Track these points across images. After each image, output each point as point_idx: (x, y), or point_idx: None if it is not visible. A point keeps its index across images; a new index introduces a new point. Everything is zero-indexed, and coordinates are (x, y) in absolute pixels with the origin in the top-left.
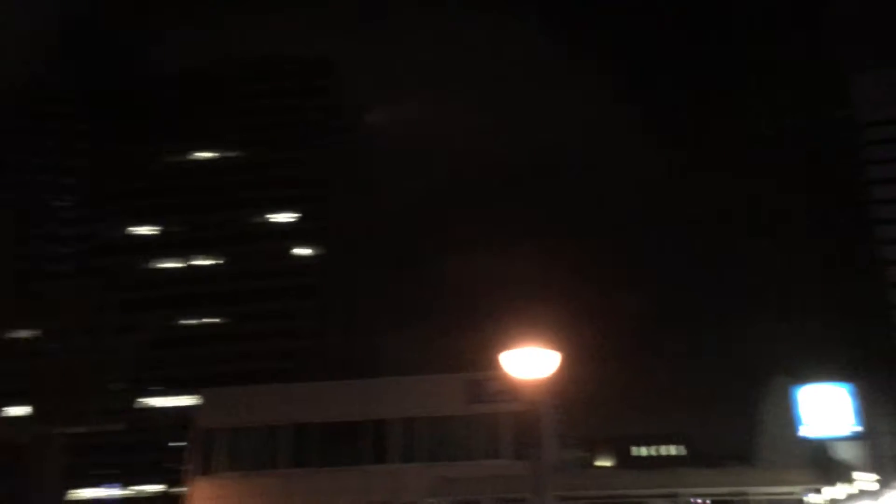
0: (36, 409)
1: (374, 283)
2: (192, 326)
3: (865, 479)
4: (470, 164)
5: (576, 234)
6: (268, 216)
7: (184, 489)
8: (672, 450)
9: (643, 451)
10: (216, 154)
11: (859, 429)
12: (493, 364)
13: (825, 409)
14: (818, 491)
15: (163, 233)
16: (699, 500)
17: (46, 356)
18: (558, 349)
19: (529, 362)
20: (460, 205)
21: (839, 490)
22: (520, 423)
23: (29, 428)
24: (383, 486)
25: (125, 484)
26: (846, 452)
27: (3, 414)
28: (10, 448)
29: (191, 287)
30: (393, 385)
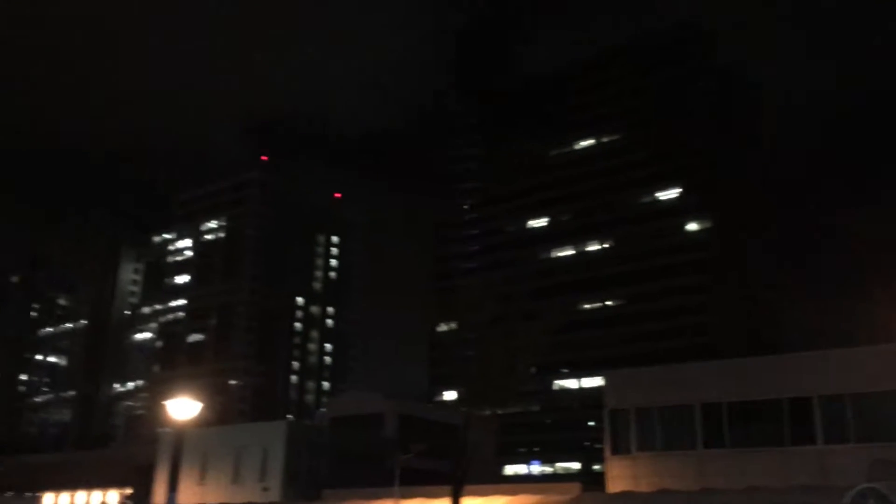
0: (466, 393)
1: (773, 251)
2: (592, 310)
3: None
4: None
5: None
6: (654, 194)
7: (599, 467)
8: None
9: None
10: (596, 141)
11: None
12: None
13: None
14: None
15: (554, 223)
16: None
17: (469, 345)
18: None
19: None
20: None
21: None
22: None
23: (461, 410)
24: (807, 468)
25: (546, 461)
26: None
27: (441, 398)
28: (447, 428)
29: (586, 272)
30: (815, 360)
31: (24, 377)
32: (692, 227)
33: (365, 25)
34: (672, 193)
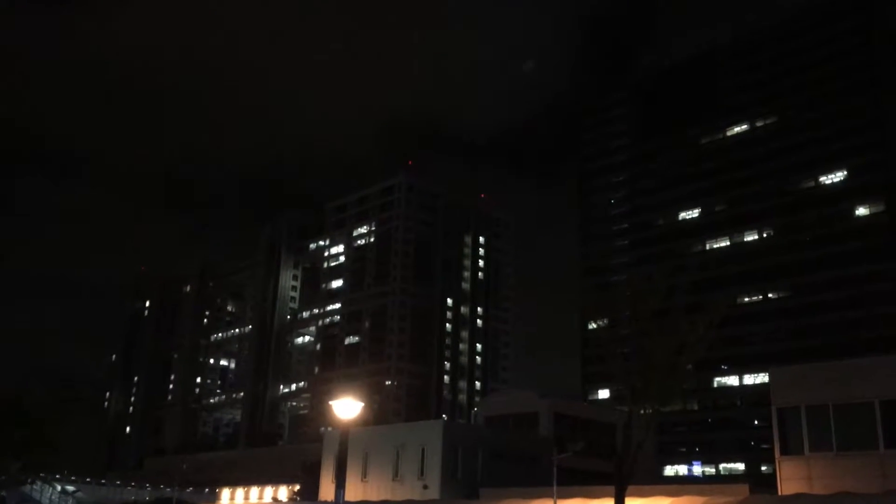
0: (626, 391)
1: None
2: (752, 304)
3: None
4: None
5: None
6: (817, 178)
7: (767, 468)
8: None
9: None
10: (750, 126)
11: None
12: None
13: None
14: None
15: (708, 213)
16: None
17: (625, 342)
18: None
19: None
20: None
21: None
22: None
23: (620, 409)
24: None
25: (706, 461)
26: None
27: (595, 396)
28: (603, 427)
29: (745, 264)
30: None
31: (198, 380)
32: (861, 211)
33: (497, 17)
34: (837, 176)
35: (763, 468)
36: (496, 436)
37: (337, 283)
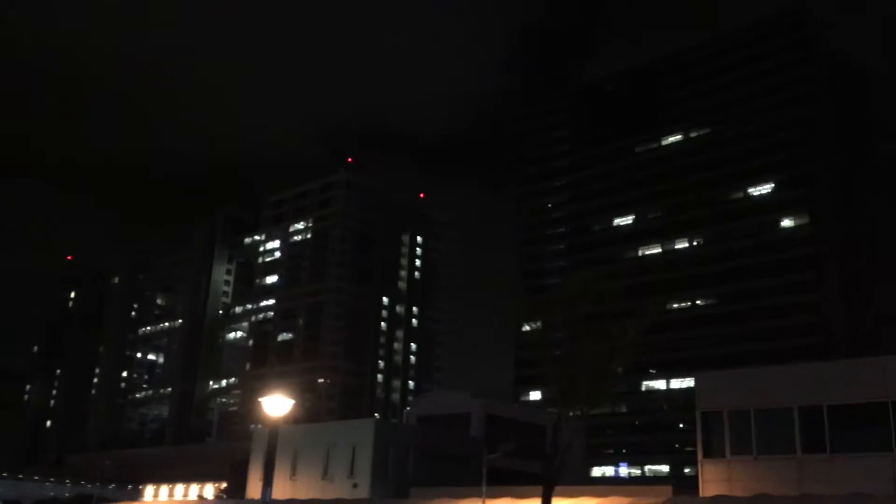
0: (556, 393)
1: (877, 247)
2: (681, 310)
3: None
4: None
5: None
6: (746, 190)
7: (690, 470)
8: None
9: None
10: (685, 136)
11: None
12: None
13: None
14: None
15: (641, 221)
16: None
17: (558, 345)
18: None
19: None
20: None
21: None
22: None
23: (551, 410)
24: None
25: (633, 463)
26: None
27: (526, 398)
28: (534, 428)
29: (675, 271)
30: None
31: (124, 374)
32: (787, 223)
33: (443, 26)
34: (765, 189)
35: (686, 470)
36: (428, 435)
37: (272, 280)
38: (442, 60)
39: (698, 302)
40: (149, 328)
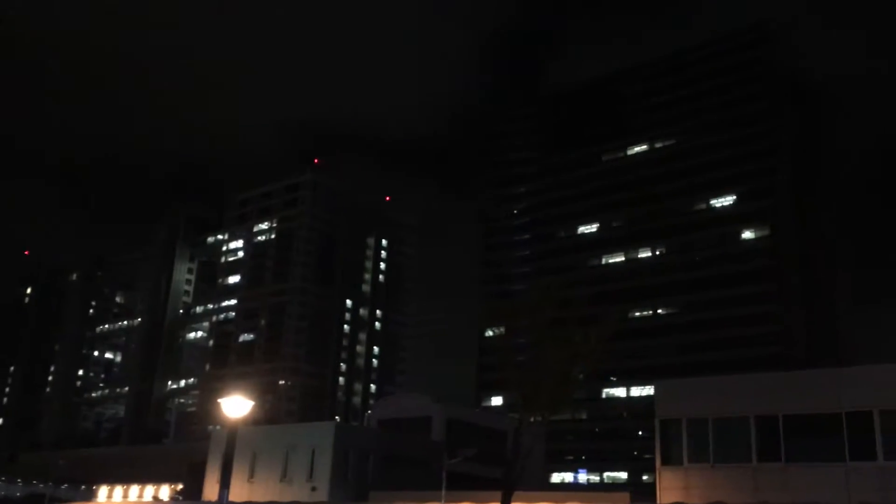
0: (518, 398)
1: (835, 260)
2: (642, 318)
3: None
4: None
5: None
6: (708, 202)
7: (648, 477)
8: None
9: None
10: (650, 146)
11: None
12: None
13: None
14: None
15: (605, 229)
16: None
17: (521, 350)
18: None
19: None
20: None
21: None
22: None
23: (512, 416)
24: (869, 485)
25: (593, 470)
26: None
27: (488, 403)
28: (494, 434)
29: (637, 280)
30: (876, 373)
31: (80, 373)
32: (748, 234)
33: (412, 28)
34: (727, 200)
35: (645, 477)
36: (388, 439)
37: (234, 279)
38: (410, 63)
39: (660, 311)
40: (107, 326)
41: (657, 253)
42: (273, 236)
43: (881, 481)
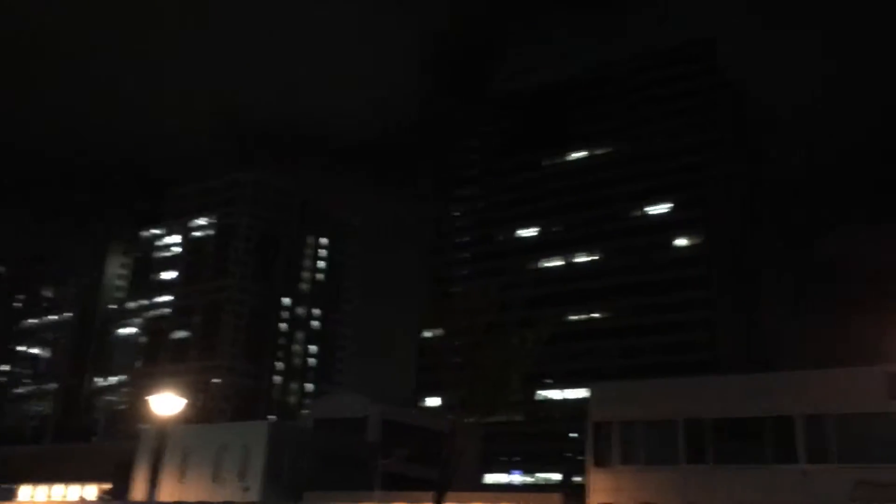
0: (455, 400)
1: (766, 267)
2: (578, 322)
3: None
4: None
5: None
6: (644, 209)
7: (582, 479)
8: None
9: None
10: (589, 153)
11: None
12: None
13: None
14: None
15: (544, 233)
16: None
17: (459, 352)
18: None
19: None
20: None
21: None
22: None
23: (446, 417)
24: (790, 487)
25: (529, 471)
26: None
27: (425, 404)
28: (431, 434)
29: (575, 284)
30: (798, 379)
31: (5, 368)
32: (683, 242)
33: (360, 29)
34: (664, 208)
35: (578, 479)
36: (324, 439)
37: (170, 275)
38: (357, 65)
39: (596, 315)
40: (35, 321)
41: (595, 258)
42: (212, 233)
43: (802, 484)
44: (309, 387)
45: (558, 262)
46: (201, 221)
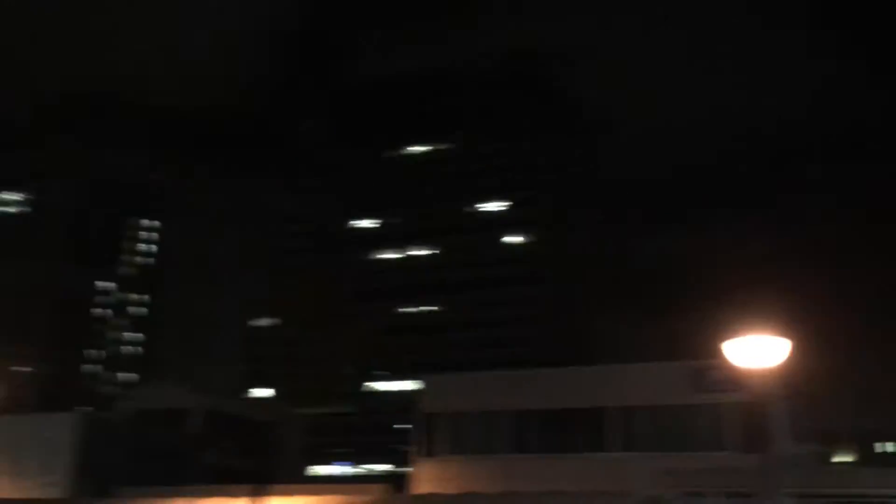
0: (283, 391)
1: (593, 267)
2: (410, 315)
3: None
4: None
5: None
6: (481, 206)
7: (409, 469)
8: None
9: (889, 446)
10: (432, 148)
11: None
12: (719, 351)
13: None
14: None
15: (381, 225)
16: None
17: (288, 342)
18: (789, 336)
19: (757, 351)
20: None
21: None
22: (747, 415)
23: (272, 408)
24: (602, 475)
25: (355, 462)
26: None
27: (254, 394)
28: (258, 426)
29: (410, 277)
30: (611, 373)
31: None
32: (517, 239)
33: (213, 10)
34: (498, 207)
35: (404, 469)
36: (140, 432)
37: None
38: (200, 44)
39: (429, 308)
40: None
41: (430, 252)
42: (27, 208)
43: (612, 471)
44: (131, 376)
45: (395, 255)
46: (7, 196)
